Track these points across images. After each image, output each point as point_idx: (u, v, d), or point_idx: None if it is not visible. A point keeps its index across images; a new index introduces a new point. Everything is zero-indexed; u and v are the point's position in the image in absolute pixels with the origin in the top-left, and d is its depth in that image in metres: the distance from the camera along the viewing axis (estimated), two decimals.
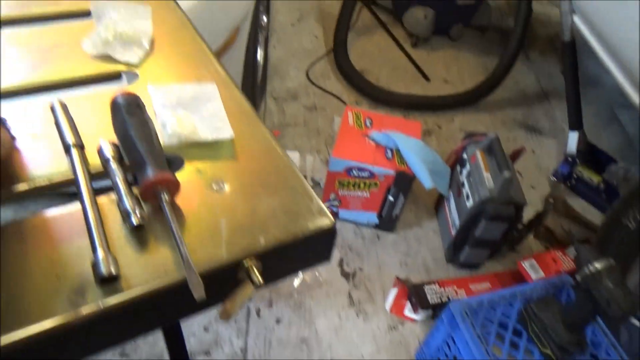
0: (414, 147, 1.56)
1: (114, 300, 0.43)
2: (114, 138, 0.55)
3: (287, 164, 0.57)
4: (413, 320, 1.54)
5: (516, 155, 1.66)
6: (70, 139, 0.54)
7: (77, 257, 0.46)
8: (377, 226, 1.75)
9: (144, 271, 0.46)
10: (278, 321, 1.52)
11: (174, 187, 0.50)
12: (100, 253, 0.44)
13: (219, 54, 1.22)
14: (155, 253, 0.47)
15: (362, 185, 1.62)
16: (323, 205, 0.54)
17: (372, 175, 1.57)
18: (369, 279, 1.64)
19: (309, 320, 1.53)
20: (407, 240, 1.76)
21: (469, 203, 1.51)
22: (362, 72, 2.29)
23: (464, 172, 1.59)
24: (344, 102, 2.20)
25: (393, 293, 1.59)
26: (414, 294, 1.53)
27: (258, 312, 1.52)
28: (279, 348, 1.46)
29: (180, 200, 0.52)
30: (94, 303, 0.43)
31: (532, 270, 1.49)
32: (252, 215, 0.52)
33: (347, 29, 2.33)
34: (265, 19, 1.93)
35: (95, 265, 0.44)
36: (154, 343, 1.41)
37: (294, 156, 1.93)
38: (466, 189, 1.55)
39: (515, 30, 2.13)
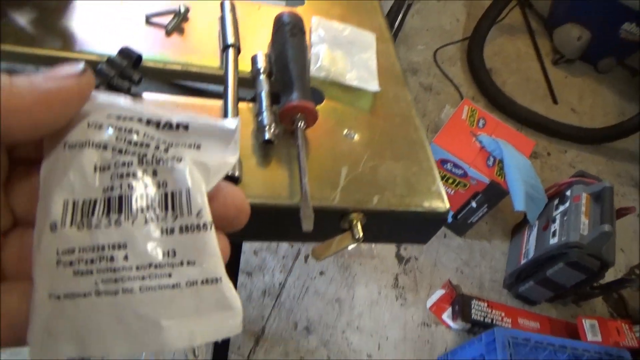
0: (520, 165, 1.49)
1: None
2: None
3: (421, 138, 0.56)
4: (448, 326, 1.52)
5: (622, 213, 1.53)
6: (230, 38, 0.56)
7: None
8: (447, 224, 1.71)
9: (261, 185, 0.47)
10: (321, 273, 1.55)
11: (312, 118, 0.50)
12: None
13: None
14: (274, 174, 0.49)
15: (450, 181, 1.57)
16: (443, 190, 0.52)
17: (465, 175, 1.52)
18: (421, 270, 1.63)
19: (350, 284, 1.55)
20: (472, 251, 1.71)
21: (553, 240, 1.43)
22: (490, 71, 2.18)
23: (561, 208, 1.50)
24: (461, 94, 2.11)
25: (439, 294, 1.57)
26: (459, 302, 1.50)
27: (306, 258, 1.56)
28: (313, 297, 1.50)
29: (310, 133, 0.52)
30: None
31: (591, 331, 1.41)
32: (372, 173, 0.51)
33: (492, 23, 2.20)
34: None
35: None
36: None
37: None
38: (555, 226, 1.47)
39: None
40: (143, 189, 0.21)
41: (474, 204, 1.58)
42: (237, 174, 0.45)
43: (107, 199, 0.21)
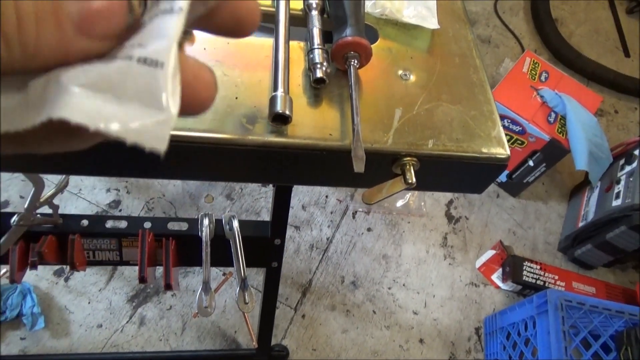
0: (584, 122, 1.39)
1: (277, 139, 0.44)
2: None
3: (481, 80, 0.52)
4: (497, 287, 1.49)
5: None
6: None
7: (257, 88, 0.47)
8: (501, 184, 1.65)
9: (311, 126, 0.46)
10: (369, 230, 1.54)
11: (365, 56, 0.48)
12: (280, 91, 0.44)
13: None
14: (325, 114, 0.47)
15: (507, 138, 1.50)
16: (504, 136, 0.49)
17: (523, 132, 1.45)
18: (471, 230, 1.59)
19: (397, 241, 1.53)
20: (526, 212, 1.65)
21: (616, 202, 1.35)
22: (556, 21, 2.02)
23: (627, 169, 1.40)
24: (522, 47, 1.99)
25: (489, 254, 1.53)
26: (510, 264, 1.46)
27: (354, 214, 1.56)
28: (360, 253, 1.50)
29: (364, 73, 0.50)
30: (260, 135, 0.44)
31: None
32: (428, 116, 0.48)
33: None
34: None
35: (272, 101, 0.44)
36: (257, 197, 1.52)
37: None
38: (620, 187, 1.38)
39: None
40: None
41: (531, 163, 1.50)
42: (287, 112, 0.43)
43: None
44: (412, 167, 0.46)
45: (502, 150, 0.48)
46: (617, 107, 1.93)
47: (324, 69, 0.47)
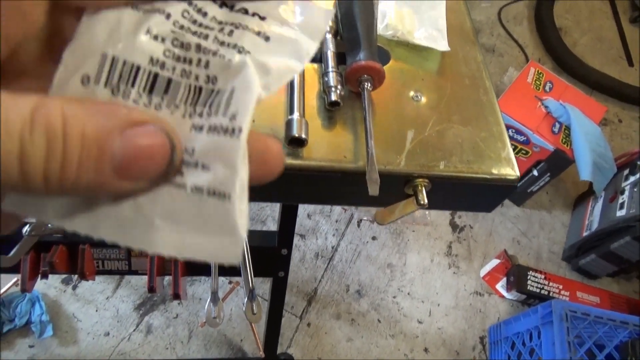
0: (589, 132, 1.40)
1: (293, 161, 0.45)
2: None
3: (491, 101, 0.53)
4: (502, 296, 1.50)
5: None
6: None
7: (274, 111, 0.48)
8: None
9: (325, 148, 0.47)
10: (374, 238, 1.55)
11: (379, 79, 0.49)
12: (296, 114, 0.46)
13: None
14: (340, 136, 0.48)
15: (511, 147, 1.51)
16: (513, 157, 0.50)
17: (527, 142, 1.46)
18: (475, 239, 1.60)
19: (402, 250, 1.54)
20: (530, 221, 1.66)
21: (621, 213, 1.36)
22: (560, 30, 2.04)
23: (631, 179, 1.41)
24: (526, 56, 2.00)
25: (493, 263, 1.54)
26: (515, 273, 1.46)
27: (359, 223, 1.57)
28: (364, 262, 1.51)
29: (376, 95, 0.51)
30: None
31: None
32: (439, 137, 0.50)
33: None
34: None
35: (288, 124, 0.45)
36: (263, 205, 1.53)
37: None
38: (624, 197, 1.38)
39: None
40: (193, 80, 0.19)
41: (535, 173, 1.51)
42: (303, 135, 0.44)
43: (152, 75, 0.19)
44: (424, 188, 0.47)
45: (511, 172, 0.49)
46: (620, 116, 1.94)
47: (338, 92, 0.48)
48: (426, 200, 0.47)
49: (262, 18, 0.21)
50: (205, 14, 0.20)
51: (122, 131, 0.16)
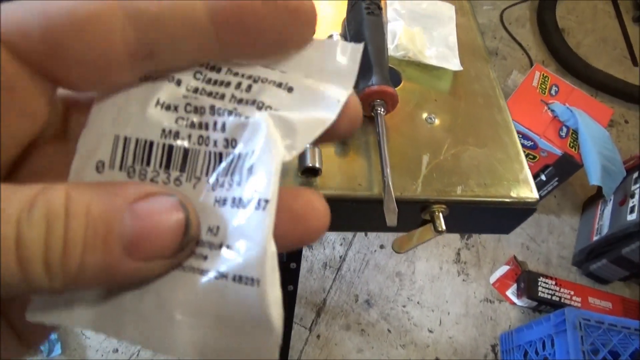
0: (597, 136, 1.39)
1: None
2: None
3: (506, 120, 0.52)
4: (512, 303, 1.48)
5: None
6: None
7: None
8: None
9: (339, 176, 0.46)
10: (382, 247, 1.54)
11: (392, 103, 0.48)
12: (309, 146, 0.45)
13: None
14: (353, 163, 0.47)
15: None
16: (531, 178, 0.49)
17: (534, 147, 1.44)
18: (484, 246, 1.58)
19: (410, 258, 1.53)
20: (539, 225, 1.64)
21: (631, 217, 1.34)
22: (563, 32, 2.02)
23: None
24: (530, 58, 1.99)
25: (503, 270, 1.52)
26: (525, 279, 1.45)
27: (366, 233, 1.55)
28: (373, 271, 1.50)
29: (389, 117, 0.50)
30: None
31: None
32: (455, 161, 0.49)
33: None
34: None
35: (302, 154, 0.44)
36: None
37: None
38: (634, 201, 1.37)
39: None
40: (212, 146, 0.17)
41: (543, 177, 1.50)
42: (317, 165, 0.43)
43: (167, 148, 0.17)
44: (441, 214, 0.46)
45: (530, 194, 0.48)
46: (627, 117, 1.93)
47: None
48: (444, 227, 0.46)
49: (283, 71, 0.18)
50: (219, 70, 0.18)
51: (131, 205, 0.15)
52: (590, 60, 1.98)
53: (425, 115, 0.51)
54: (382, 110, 0.47)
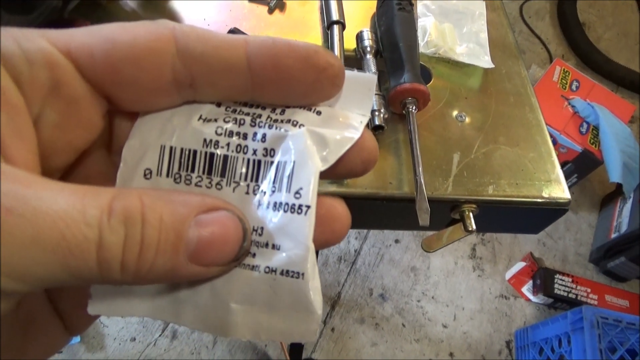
0: (617, 132, 1.37)
1: (338, 189, 0.44)
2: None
3: (538, 119, 0.52)
4: (528, 300, 1.47)
5: None
6: (335, 14, 0.53)
7: None
8: None
9: (370, 175, 0.45)
10: (397, 241, 1.54)
11: (423, 101, 0.47)
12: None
13: None
14: (384, 161, 0.47)
15: None
16: (563, 179, 0.48)
17: (554, 143, 1.42)
18: (500, 242, 1.57)
19: (425, 253, 1.53)
20: (556, 222, 1.62)
21: None
22: (584, 25, 1.99)
23: None
24: (549, 52, 1.96)
25: (519, 266, 1.52)
26: (541, 276, 1.44)
27: None
28: (387, 265, 1.50)
29: (419, 115, 0.50)
30: (320, 187, 0.44)
31: None
32: (486, 160, 0.48)
33: None
34: None
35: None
36: None
37: None
38: None
39: None
40: (251, 154, 0.19)
41: None
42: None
43: (209, 155, 0.19)
44: (471, 214, 0.46)
45: (562, 194, 0.48)
46: None
47: (382, 115, 0.47)
48: (474, 227, 0.45)
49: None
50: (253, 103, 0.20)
51: (195, 217, 0.17)
52: (611, 55, 1.95)
53: (455, 113, 0.51)
54: (414, 108, 0.47)
